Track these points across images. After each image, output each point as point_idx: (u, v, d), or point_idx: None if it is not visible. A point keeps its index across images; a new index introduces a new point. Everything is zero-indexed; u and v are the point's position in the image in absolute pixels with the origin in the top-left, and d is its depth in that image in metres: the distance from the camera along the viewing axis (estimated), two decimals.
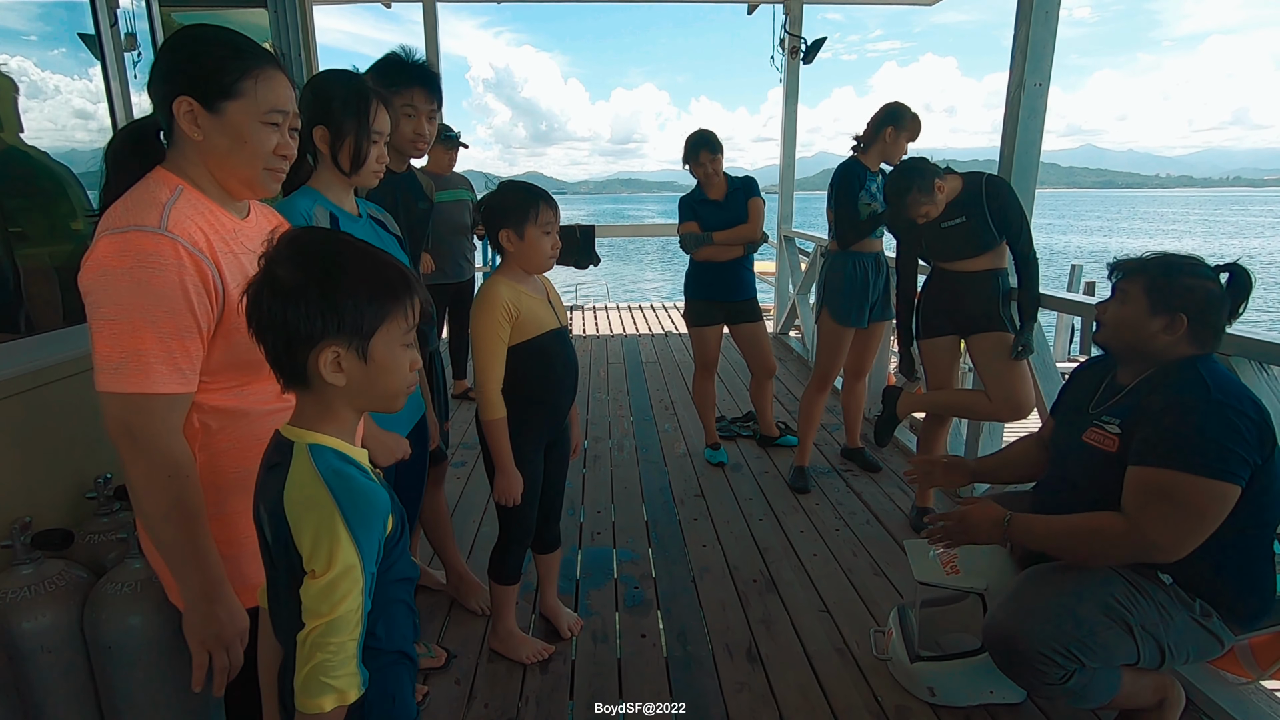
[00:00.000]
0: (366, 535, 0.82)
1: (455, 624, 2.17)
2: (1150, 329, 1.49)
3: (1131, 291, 1.52)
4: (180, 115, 1.01)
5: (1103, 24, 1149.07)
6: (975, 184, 2.40)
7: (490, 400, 1.71)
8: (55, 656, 1.37)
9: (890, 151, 2.87)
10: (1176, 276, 1.49)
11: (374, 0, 6.06)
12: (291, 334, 0.82)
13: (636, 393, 4.64)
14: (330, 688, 0.80)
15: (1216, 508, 1.37)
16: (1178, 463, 1.37)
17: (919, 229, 2.52)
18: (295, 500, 0.82)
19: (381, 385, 0.87)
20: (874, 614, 2.20)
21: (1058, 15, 2.53)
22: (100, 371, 0.95)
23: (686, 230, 3.19)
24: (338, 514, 0.80)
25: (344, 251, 0.85)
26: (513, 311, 1.68)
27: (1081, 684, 1.45)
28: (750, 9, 6.18)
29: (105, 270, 0.93)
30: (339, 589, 0.80)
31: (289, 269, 0.81)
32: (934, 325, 2.60)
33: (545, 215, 1.68)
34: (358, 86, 1.47)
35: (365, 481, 0.86)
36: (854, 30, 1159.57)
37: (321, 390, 0.85)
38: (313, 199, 1.47)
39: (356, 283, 0.83)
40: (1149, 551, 1.42)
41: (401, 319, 0.86)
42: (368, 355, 0.84)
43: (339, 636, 0.80)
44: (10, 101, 1.94)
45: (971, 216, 2.40)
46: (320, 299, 0.81)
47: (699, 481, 3.23)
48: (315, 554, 0.80)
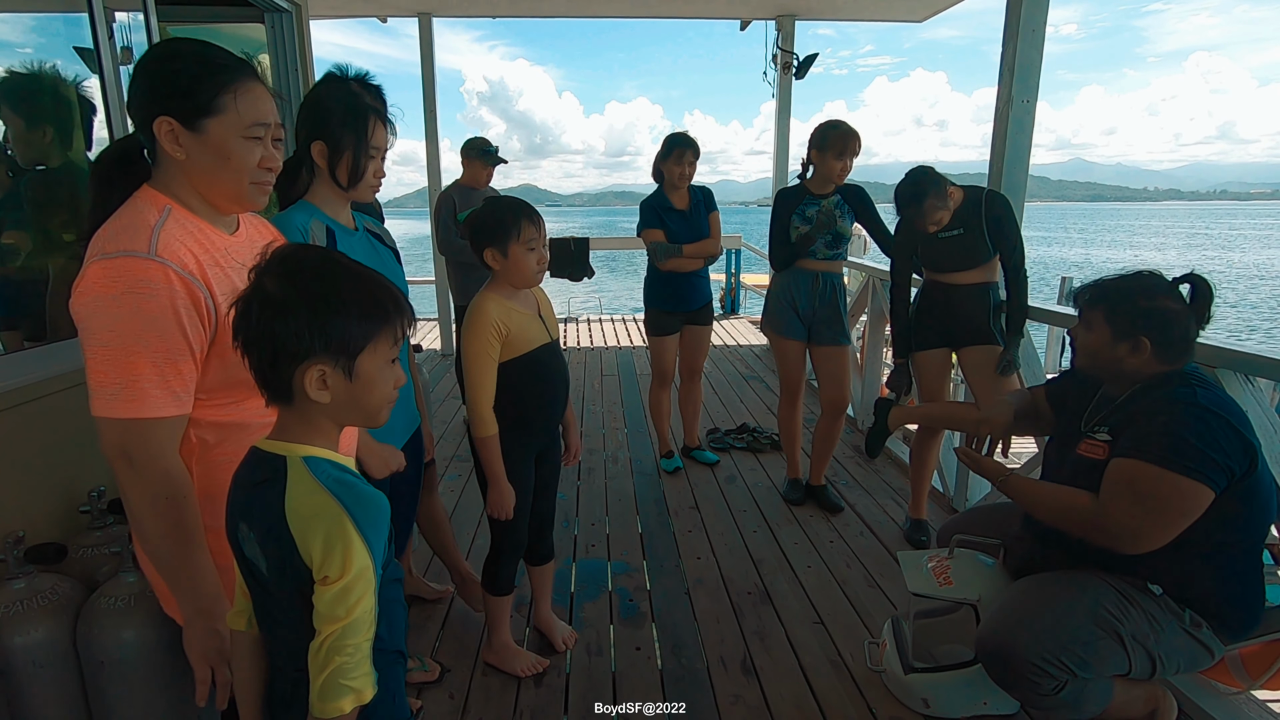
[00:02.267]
0: (376, 537, 0.84)
1: (449, 637, 2.16)
2: (1117, 354, 1.53)
3: (1094, 320, 1.57)
4: (162, 135, 1.00)
5: (1089, 40, 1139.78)
6: (975, 197, 2.44)
7: (483, 417, 1.72)
8: (47, 672, 1.36)
9: (824, 172, 2.81)
10: (1133, 300, 1.52)
11: (370, 15, 6.10)
12: (278, 349, 0.82)
13: (630, 404, 4.65)
14: (349, 689, 0.82)
15: (1182, 504, 1.39)
16: (1151, 456, 1.40)
17: (914, 240, 2.54)
18: (300, 512, 0.82)
19: (365, 402, 0.87)
20: (868, 625, 2.21)
21: (1044, 33, 2.58)
22: (96, 397, 0.95)
23: (654, 239, 3.18)
24: (348, 519, 0.81)
25: (335, 270, 0.85)
26: (502, 329, 1.69)
27: (1074, 695, 1.46)
28: (743, 25, 6.25)
29: (97, 297, 0.93)
30: (355, 591, 0.81)
31: (280, 285, 0.82)
32: (926, 337, 2.62)
33: (528, 232, 1.68)
34: (356, 102, 1.49)
35: (365, 486, 0.87)
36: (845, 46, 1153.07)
37: (305, 406, 0.85)
38: (309, 213, 1.48)
39: (346, 302, 0.83)
40: (1111, 537, 1.46)
41: (389, 338, 0.87)
42: (354, 374, 0.84)
43: (356, 638, 0.82)
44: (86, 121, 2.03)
45: (969, 229, 2.43)
46: (309, 317, 0.81)
47: (693, 493, 3.24)
48: (328, 561, 0.80)
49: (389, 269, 1.64)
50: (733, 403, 4.62)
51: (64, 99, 2.08)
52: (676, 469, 3.46)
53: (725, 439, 3.88)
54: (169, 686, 1.36)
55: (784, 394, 3.15)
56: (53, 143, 2.08)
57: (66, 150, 2.07)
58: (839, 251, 2.91)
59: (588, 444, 3.91)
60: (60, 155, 2.07)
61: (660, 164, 3.18)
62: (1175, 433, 1.40)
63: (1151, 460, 1.40)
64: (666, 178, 3.18)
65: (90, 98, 2.08)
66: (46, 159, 2.08)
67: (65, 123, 2.10)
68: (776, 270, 3.00)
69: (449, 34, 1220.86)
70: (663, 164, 3.17)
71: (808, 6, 5.70)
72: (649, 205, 3.23)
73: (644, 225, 3.22)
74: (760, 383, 5.14)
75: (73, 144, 2.08)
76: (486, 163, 3.76)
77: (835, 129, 2.78)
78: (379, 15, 6.13)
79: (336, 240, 1.49)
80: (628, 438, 4.02)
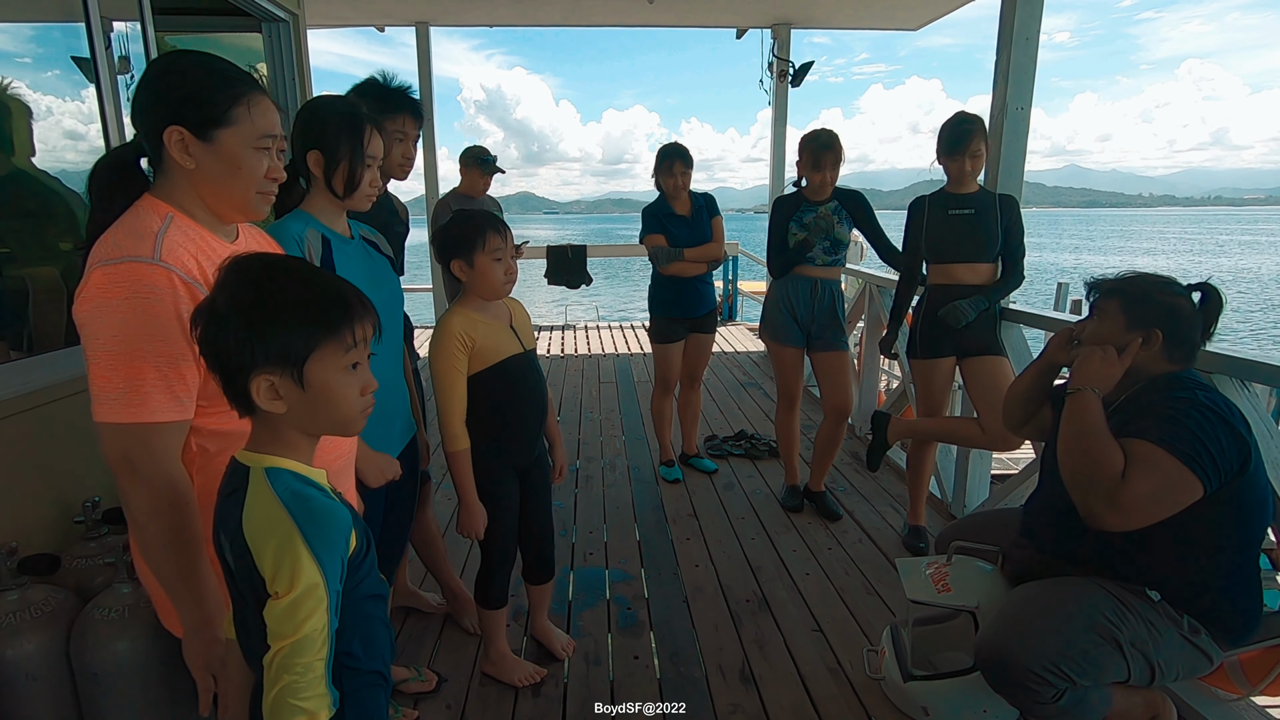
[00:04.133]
0: (329, 553, 0.82)
1: (446, 648, 2.15)
2: (1127, 345, 1.53)
3: (1109, 309, 1.57)
4: (171, 144, 1.01)
5: (1082, 48, 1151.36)
6: (991, 191, 2.52)
7: (453, 433, 1.72)
8: (40, 685, 1.35)
9: (811, 179, 2.85)
10: (1152, 294, 1.54)
11: (367, 24, 6.12)
12: (225, 362, 0.82)
13: (628, 412, 4.64)
14: (299, 709, 0.80)
15: (1169, 480, 1.37)
16: (1150, 435, 1.41)
17: (924, 215, 2.55)
18: (254, 524, 0.82)
19: (325, 411, 0.86)
20: (867, 633, 2.20)
21: (1038, 41, 2.60)
22: (98, 402, 0.95)
23: (655, 243, 3.20)
24: (297, 534, 0.80)
25: (278, 278, 0.84)
26: (467, 342, 1.69)
27: (1073, 702, 1.45)
28: (739, 33, 6.29)
29: (100, 302, 0.94)
30: (303, 608, 0.79)
31: (224, 297, 0.82)
32: (935, 345, 2.58)
33: (493, 242, 1.67)
34: (352, 111, 1.49)
35: (324, 500, 0.86)
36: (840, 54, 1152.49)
37: (268, 416, 0.85)
38: (304, 222, 1.48)
39: (284, 310, 0.82)
40: (1116, 507, 1.40)
41: (337, 345, 0.84)
42: (305, 382, 0.83)
43: (305, 657, 0.80)
44: (24, 127, 1.99)
45: (981, 211, 2.47)
46: (246, 328, 0.80)
47: (691, 501, 3.23)
48: (278, 575, 0.80)
49: (384, 277, 1.64)
50: (731, 410, 4.62)
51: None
52: (676, 480, 3.45)
53: (723, 446, 3.88)
54: (163, 699, 1.35)
55: (781, 401, 3.15)
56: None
57: (9, 156, 2.03)
58: (837, 258, 2.91)
59: (585, 451, 3.91)
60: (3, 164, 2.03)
61: (656, 175, 3.24)
62: (1176, 419, 1.40)
63: (1151, 439, 1.40)
64: (664, 188, 3.22)
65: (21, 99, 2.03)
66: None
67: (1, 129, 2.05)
68: (775, 277, 3.01)
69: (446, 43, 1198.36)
70: (658, 176, 3.22)
71: (803, 15, 5.73)
72: (651, 212, 3.26)
73: (646, 231, 3.25)
74: (758, 389, 5.14)
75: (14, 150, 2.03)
76: (484, 171, 3.78)
77: (811, 142, 2.82)
78: (376, 24, 6.16)
79: (333, 249, 1.49)
80: (625, 445, 4.01)
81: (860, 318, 4.37)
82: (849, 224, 2.89)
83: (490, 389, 1.74)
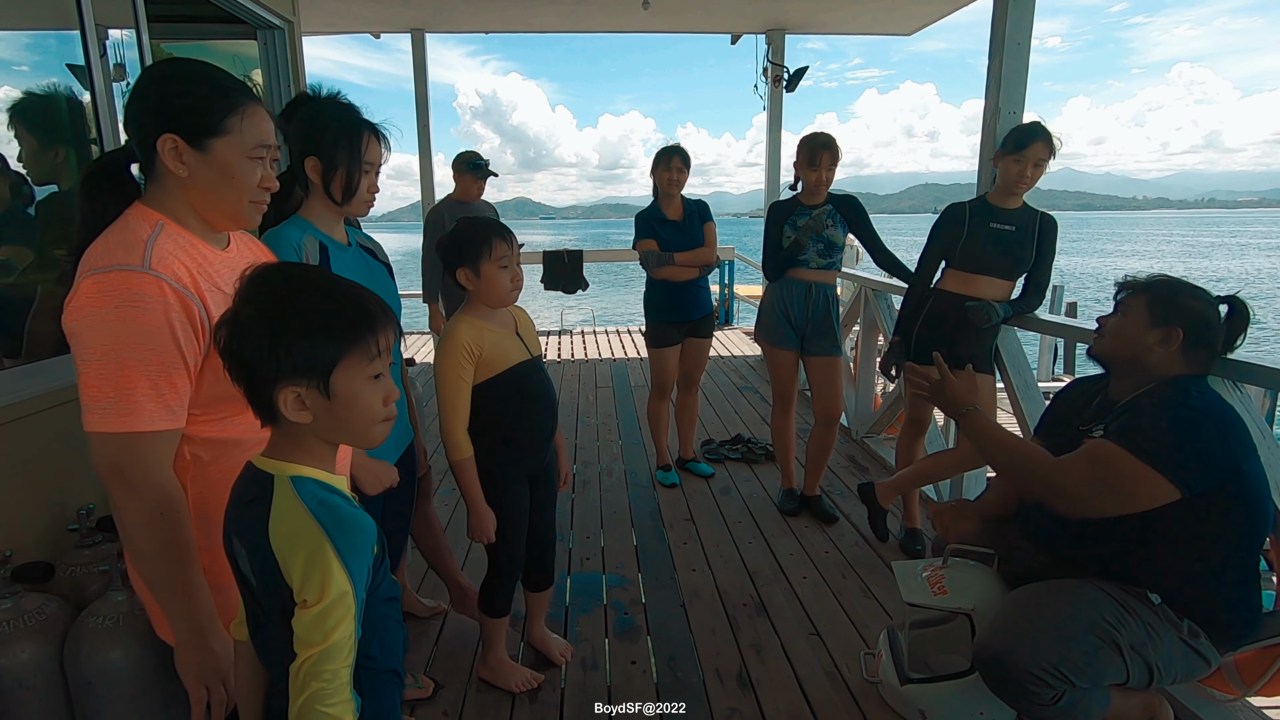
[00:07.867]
0: (357, 562, 0.82)
1: (443, 653, 2.14)
2: (1147, 341, 1.54)
3: (1134, 305, 1.59)
4: (165, 152, 1.01)
5: (1074, 52, 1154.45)
6: (1034, 210, 2.48)
7: (456, 442, 1.71)
8: (34, 693, 1.34)
9: (807, 177, 2.85)
10: (1178, 294, 1.56)
11: (363, 31, 6.14)
12: (251, 374, 0.82)
13: (625, 416, 4.64)
14: (327, 715, 0.80)
15: (1134, 488, 1.41)
16: (1125, 442, 1.43)
17: (962, 225, 2.48)
18: (282, 534, 0.82)
19: (350, 421, 0.86)
20: (864, 636, 2.20)
21: (1029, 46, 2.62)
22: (89, 412, 0.95)
23: (646, 248, 3.23)
24: (327, 543, 0.80)
25: (301, 289, 0.84)
26: (474, 350, 1.68)
27: (1072, 704, 1.45)
28: (734, 39, 6.32)
29: (90, 311, 0.93)
30: (332, 616, 0.80)
31: (248, 309, 0.81)
32: (928, 353, 2.56)
33: (500, 250, 1.66)
34: (349, 118, 1.49)
35: (350, 509, 0.86)
36: (834, 59, 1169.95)
37: (291, 425, 0.84)
38: (302, 229, 1.48)
39: (310, 322, 0.82)
40: (1054, 492, 1.50)
41: (362, 355, 0.84)
42: (330, 393, 0.83)
43: (333, 664, 0.80)
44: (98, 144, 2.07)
45: (1020, 230, 2.46)
46: (272, 340, 0.80)
47: (688, 505, 3.23)
48: (307, 584, 0.79)
49: (381, 284, 1.64)
50: (727, 414, 4.62)
51: (80, 121, 2.09)
52: (673, 484, 3.45)
53: (720, 450, 3.88)
54: (158, 707, 1.34)
55: (777, 404, 3.16)
56: (64, 164, 2.08)
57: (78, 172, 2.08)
58: (832, 261, 2.92)
59: (582, 456, 3.90)
60: (71, 177, 2.08)
61: (652, 174, 3.27)
62: (1156, 424, 1.42)
63: (1123, 445, 1.43)
64: (659, 186, 3.24)
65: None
66: (57, 180, 2.08)
67: (79, 145, 2.11)
68: (770, 280, 3.03)
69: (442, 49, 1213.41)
70: (654, 173, 3.26)
71: (797, 20, 5.76)
72: (643, 218, 3.29)
73: (638, 237, 3.28)
74: (754, 393, 5.14)
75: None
76: (477, 176, 3.78)
77: (809, 141, 2.85)
78: (372, 31, 6.16)
79: (330, 255, 1.49)
80: (622, 450, 4.01)
81: (856, 322, 4.38)
82: (844, 227, 2.90)
83: (501, 396, 1.73)
